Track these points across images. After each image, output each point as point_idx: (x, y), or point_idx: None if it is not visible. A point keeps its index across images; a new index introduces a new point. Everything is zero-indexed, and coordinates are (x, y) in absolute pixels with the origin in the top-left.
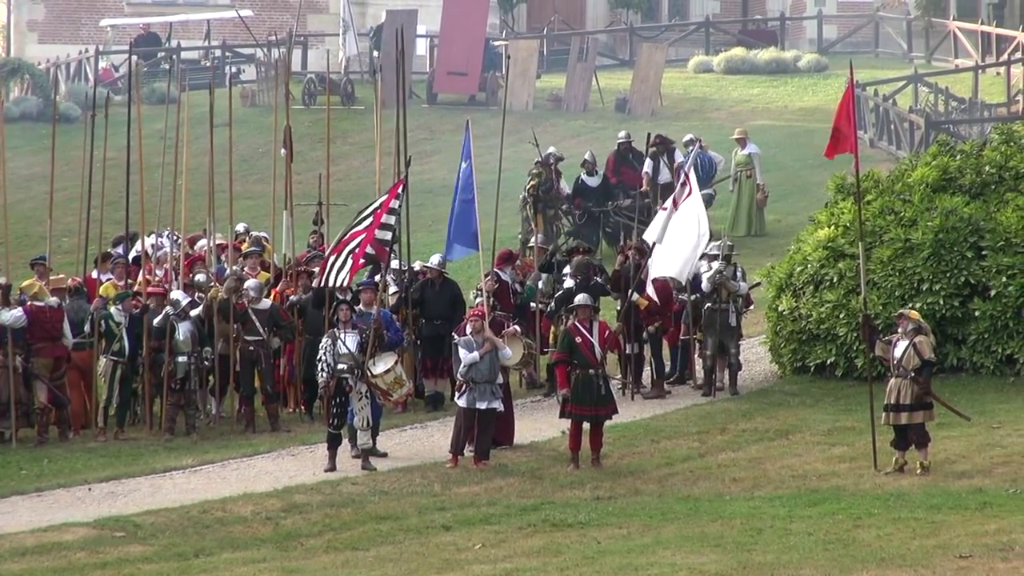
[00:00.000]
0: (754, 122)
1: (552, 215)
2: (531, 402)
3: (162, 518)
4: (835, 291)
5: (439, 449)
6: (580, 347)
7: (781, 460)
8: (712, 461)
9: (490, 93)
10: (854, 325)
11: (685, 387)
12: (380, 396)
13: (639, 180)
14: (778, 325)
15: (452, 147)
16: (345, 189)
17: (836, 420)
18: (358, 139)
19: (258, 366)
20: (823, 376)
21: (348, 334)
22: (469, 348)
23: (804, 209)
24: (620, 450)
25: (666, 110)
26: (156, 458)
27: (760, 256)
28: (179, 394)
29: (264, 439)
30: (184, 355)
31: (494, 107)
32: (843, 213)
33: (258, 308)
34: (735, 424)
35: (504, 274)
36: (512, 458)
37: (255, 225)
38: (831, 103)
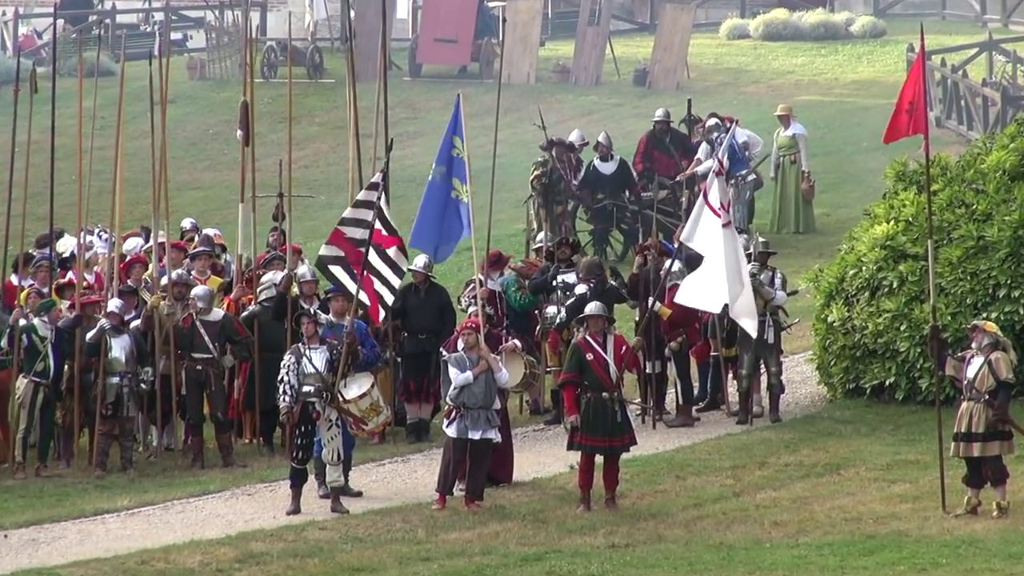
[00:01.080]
0: (799, 97)
1: (560, 212)
2: (534, 431)
3: (92, 570)
4: (895, 298)
5: (424, 488)
6: (592, 365)
7: (831, 500)
8: (749, 501)
9: (484, 64)
10: (918, 339)
11: (717, 413)
12: (353, 425)
13: (673, 168)
14: (827, 339)
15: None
16: (312, 178)
17: (896, 452)
18: (327, 119)
19: (207, 389)
20: (881, 400)
21: (315, 351)
22: (461, 367)
23: (858, 201)
24: (639, 488)
25: (693, 83)
26: (85, 499)
27: (805, 257)
28: (112, 422)
29: (215, 476)
30: (118, 376)
31: (489, 80)
32: (904, 206)
33: (207, 319)
34: (776, 457)
35: (492, 281)
36: (511, 498)
37: (204, 221)
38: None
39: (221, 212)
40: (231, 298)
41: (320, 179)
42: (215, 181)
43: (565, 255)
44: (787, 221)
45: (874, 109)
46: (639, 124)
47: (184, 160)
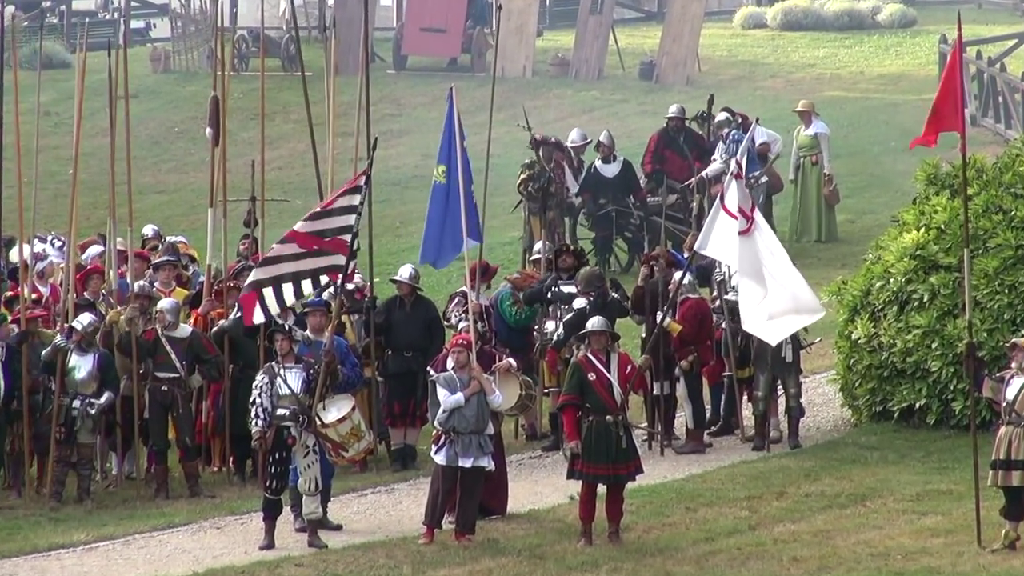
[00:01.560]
0: (821, 93)
1: (552, 217)
2: (530, 458)
3: None
4: (926, 313)
5: (410, 520)
6: (594, 386)
7: (856, 534)
8: (766, 535)
9: (476, 55)
10: (951, 358)
11: (730, 438)
12: (331, 451)
13: (687, 170)
14: (851, 358)
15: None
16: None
17: (928, 481)
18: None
19: (173, 412)
20: (910, 424)
21: (290, 370)
22: (451, 388)
23: (885, 207)
24: (646, 520)
25: (705, 77)
26: (39, 532)
27: (827, 268)
28: (67, 448)
29: (181, 507)
30: (76, 398)
31: (481, 73)
32: (936, 212)
33: (174, 336)
34: (796, 487)
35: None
36: (505, 531)
37: (169, 227)
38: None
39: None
40: (200, 312)
41: (296, 181)
42: (181, 184)
43: (567, 264)
44: (808, 228)
45: (903, 106)
46: (645, 122)
47: (147, 160)
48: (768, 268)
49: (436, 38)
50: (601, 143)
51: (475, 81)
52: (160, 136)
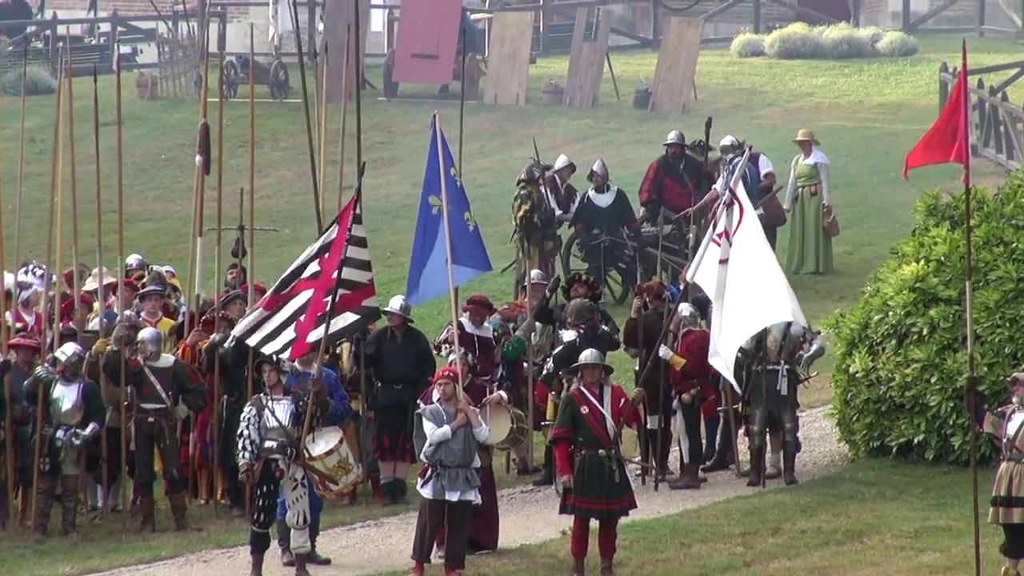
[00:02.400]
0: (819, 122)
1: (551, 247)
2: (521, 492)
3: None
4: (925, 347)
5: (399, 554)
6: (587, 420)
7: (853, 571)
8: (761, 571)
9: (468, 82)
10: (950, 392)
11: (726, 473)
12: (319, 484)
13: (686, 199)
14: (849, 392)
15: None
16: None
17: (926, 518)
18: (292, 143)
19: (159, 443)
20: (908, 460)
21: (278, 402)
22: (437, 421)
23: (884, 238)
24: (639, 556)
25: (702, 105)
26: (23, 565)
27: (825, 300)
28: (52, 479)
29: (167, 540)
30: (60, 429)
31: (473, 101)
32: (936, 244)
33: (157, 366)
34: (792, 523)
35: (475, 327)
36: (496, 567)
37: (155, 256)
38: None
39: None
40: (187, 343)
41: (284, 209)
42: (167, 212)
43: (579, 294)
44: (806, 260)
45: (903, 135)
46: (640, 151)
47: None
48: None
49: (427, 64)
50: (594, 173)
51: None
52: (147, 163)
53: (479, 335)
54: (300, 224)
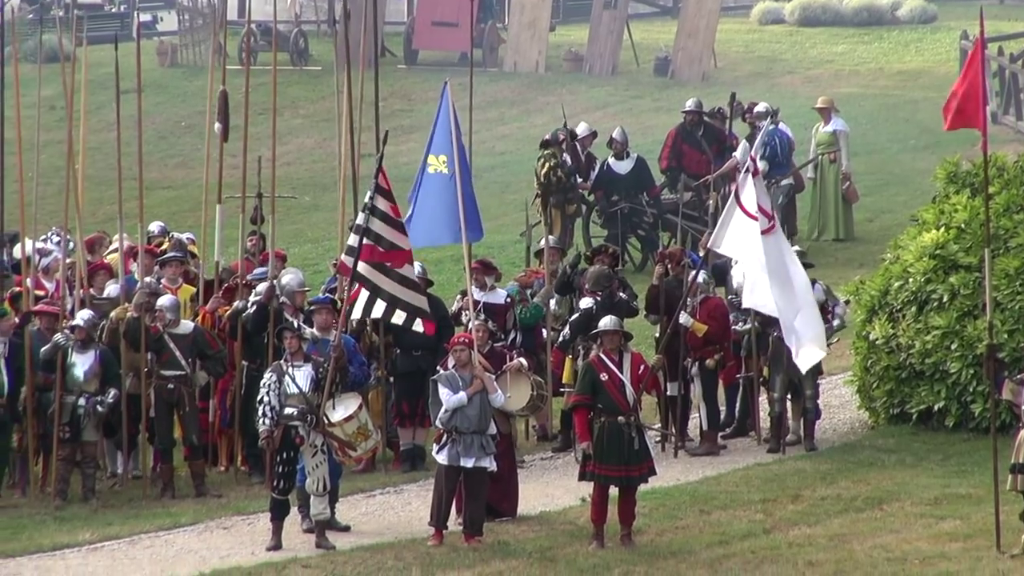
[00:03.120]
0: (839, 89)
1: (574, 211)
2: (541, 460)
3: None
4: (945, 314)
5: (418, 521)
6: (606, 387)
7: (873, 538)
8: (781, 539)
9: (488, 50)
10: (970, 359)
11: (745, 440)
12: (338, 451)
13: (705, 166)
14: (869, 359)
15: None
16: (295, 176)
17: (946, 485)
18: (312, 110)
19: (179, 410)
20: (928, 426)
21: (298, 368)
22: (453, 387)
23: (904, 206)
24: (659, 523)
25: (721, 73)
26: (43, 532)
27: (845, 267)
28: (72, 446)
29: (187, 507)
30: (79, 395)
31: (493, 68)
32: (956, 211)
33: (176, 333)
34: (811, 490)
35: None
36: (516, 533)
37: (175, 223)
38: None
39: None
40: (207, 309)
41: (304, 177)
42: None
43: (604, 264)
44: (826, 227)
45: (923, 103)
46: (659, 118)
47: (153, 156)
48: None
49: (447, 32)
50: (614, 140)
51: (487, 76)
52: (166, 131)
53: (486, 301)
54: (320, 191)
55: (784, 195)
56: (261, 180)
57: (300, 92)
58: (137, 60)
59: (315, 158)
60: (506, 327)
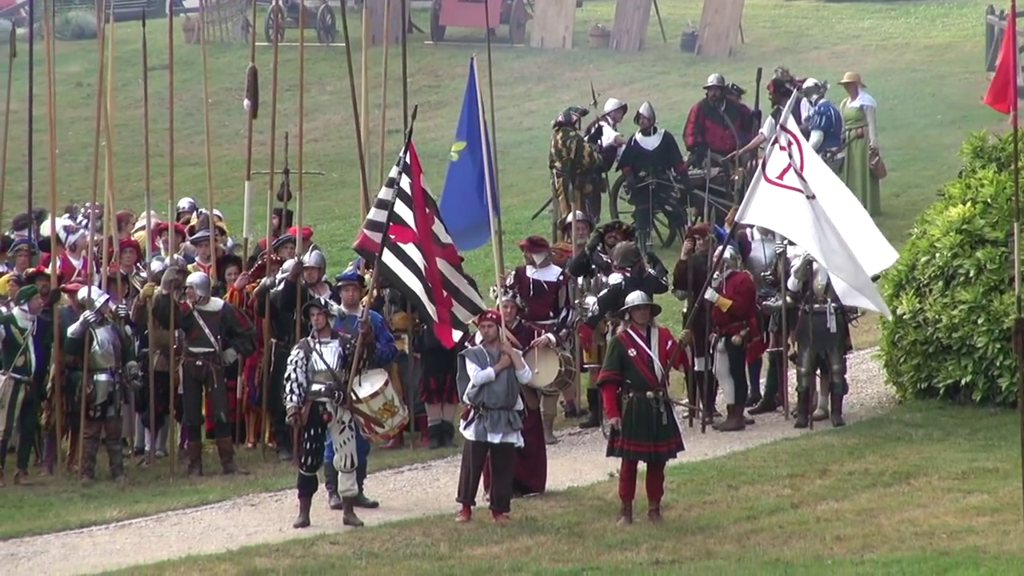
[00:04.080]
0: (866, 64)
1: (591, 191)
2: (569, 435)
3: None
4: (972, 289)
5: (447, 497)
6: (634, 362)
7: (900, 512)
8: (809, 513)
9: (515, 26)
10: (997, 333)
11: (773, 415)
12: (365, 427)
13: (729, 141)
14: (896, 334)
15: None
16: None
17: (973, 459)
18: (339, 87)
19: (207, 387)
20: (955, 401)
21: (325, 345)
22: (481, 362)
23: (931, 180)
24: (687, 498)
25: (748, 48)
26: (70, 509)
27: None
28: (100, 424)
29: (215, 484)
30: (104, 372)
31: (520, 44)
32: (983, 185)
33: (206, 310)
34: (839, 464)
35: (536, 270)
36: (544, 509)
37: (203, 200)
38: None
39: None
40: (235, 287)
41: (332, 154)
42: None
43: (615, 241)
44: None
45: (949, 77)
46: (686, 94)
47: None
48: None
49: (474, 8)
50: (641, 115)
51: (513, 52)
52: (193, 108)
53: (536, 278)
54: (347, 168)
55: (838, 168)
56: (288, 157)
57: (327, 69)
58: (169, 37)
59: (342, 134)
60: (557, 305)
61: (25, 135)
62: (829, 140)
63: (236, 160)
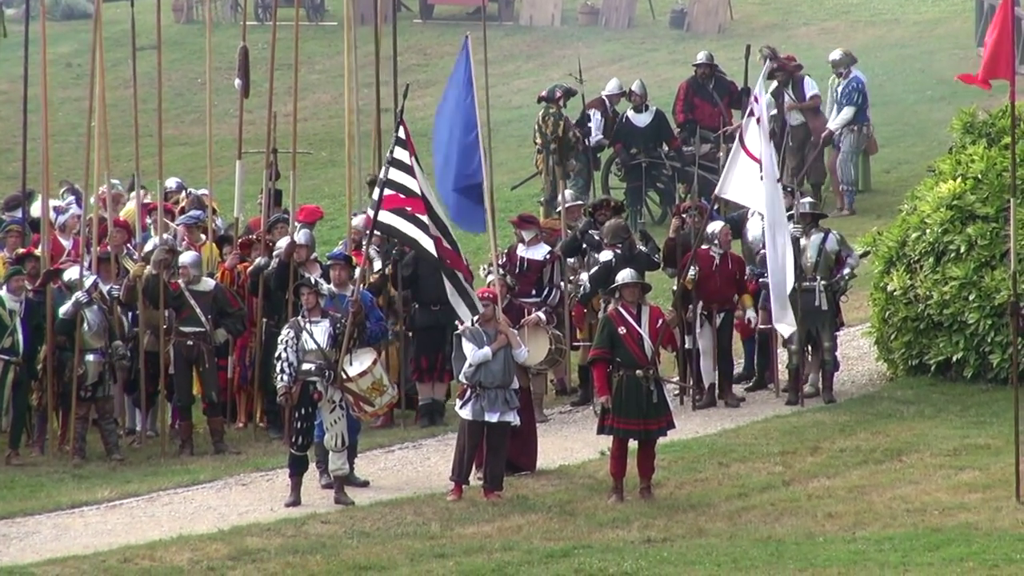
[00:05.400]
0: (855, 40)
1: (578, 168)
2: (560, 413)
3: (70, 569)
4: (963, 265)
5: (437, 476)
6: (624, 340)
7: (892, 489)
8: (800, 491)
9: (503, 4)
10: (988, 310)
11: (764, 392)
12: (354, 406)
13: (718, 118)
14: (887, 310)
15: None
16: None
17: (965, 436)
18: (329, 65)
19: (198, 366)
20: (947, 378)
21: (316, 324)
22: (477, 342)
23: (921, 156)
24: (678, 476)
25: (737, 26)
26: (62, 489)
27: (863, 219)
28: (90, 404)
29: (206, 464)
30: (94, 352)
31: (509, 22)
32: (973, 161)
33: (198, 290)
34: (830, 442)
35: (525, 248)
36: (535, 488)
37: (192, 180)
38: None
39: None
40: (226, 266)
41: (321, 133)
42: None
43: (605, 218)
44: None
45: (939, 53)
46: (676, 71)
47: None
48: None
49: None
50: (633, 92)
51: (502, 30)
52: (183, 88)
53: (526, 256)
54: (337, 147)
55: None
56: (278, 136)
57: (316, 48)
58: (157, 17)
59: (331, 113)
60: (541, 283)
61: (14, 116)
62: (860, 116)
63: (226, 140)
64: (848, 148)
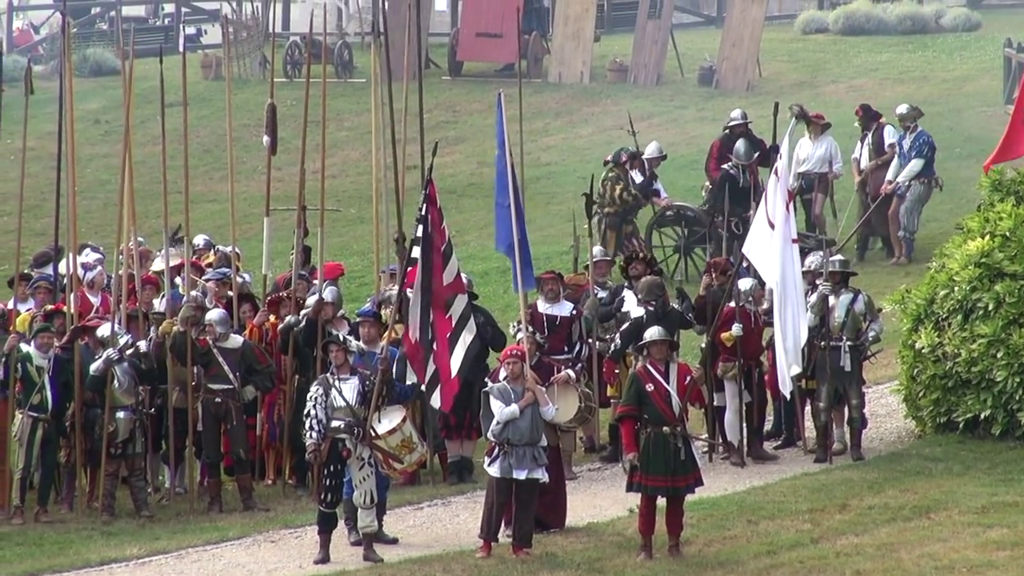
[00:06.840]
0: (883, 97)
1: (629, 231)
2: (589, 470)
3: None
4: (991, 322)
5: (467, 533)
6: (652, 397)
7: (920, 547)
8: (828, 548)
9: (532, 61)
10: (1016, 367)
11: (792, 450)
12: (384, 463)
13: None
14: (915, 368)
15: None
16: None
17: (993, 494)
18: (357, 122)
19: (227, 423)
20: (975, 435)
21: (345, 381)
22: (505, 399)
23: (950, 214)
24: (707, 533)
25: (766, 83)
26: (91, 547)
27: (891, 276)
28: (120, 461)
29: (234, 521)
30: (125, 409)
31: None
32: (1001, 219)
33: (226, 347)
34: (859, 499)
35: (547, 304)
36: (564, 545)
37: (220, 236)
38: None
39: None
40: (254, 323)
41: (350, 189)
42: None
43: (637, 272)
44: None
45: (967, 111)
46: (704, 128)
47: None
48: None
49: (492, 43)
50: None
51: (531, 87)
52: (211, 144)
53: (550, 314)
54: (365, 203)
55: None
56: (307, 193)
57: (345, 104)
58: (183, 73)
59: (360, 170)
60: (571, 340)
61: (42, 172)
62: (927, 169)
63: (254, 196)
64: (913, 198)
